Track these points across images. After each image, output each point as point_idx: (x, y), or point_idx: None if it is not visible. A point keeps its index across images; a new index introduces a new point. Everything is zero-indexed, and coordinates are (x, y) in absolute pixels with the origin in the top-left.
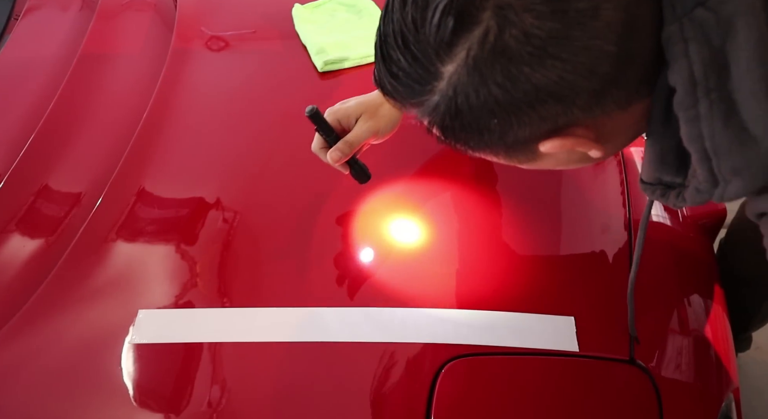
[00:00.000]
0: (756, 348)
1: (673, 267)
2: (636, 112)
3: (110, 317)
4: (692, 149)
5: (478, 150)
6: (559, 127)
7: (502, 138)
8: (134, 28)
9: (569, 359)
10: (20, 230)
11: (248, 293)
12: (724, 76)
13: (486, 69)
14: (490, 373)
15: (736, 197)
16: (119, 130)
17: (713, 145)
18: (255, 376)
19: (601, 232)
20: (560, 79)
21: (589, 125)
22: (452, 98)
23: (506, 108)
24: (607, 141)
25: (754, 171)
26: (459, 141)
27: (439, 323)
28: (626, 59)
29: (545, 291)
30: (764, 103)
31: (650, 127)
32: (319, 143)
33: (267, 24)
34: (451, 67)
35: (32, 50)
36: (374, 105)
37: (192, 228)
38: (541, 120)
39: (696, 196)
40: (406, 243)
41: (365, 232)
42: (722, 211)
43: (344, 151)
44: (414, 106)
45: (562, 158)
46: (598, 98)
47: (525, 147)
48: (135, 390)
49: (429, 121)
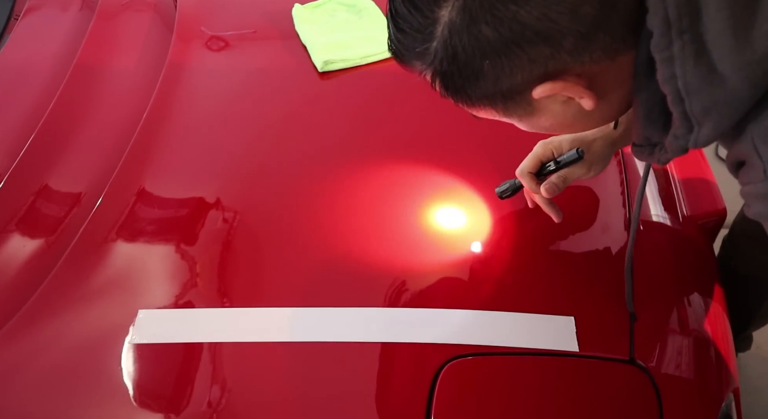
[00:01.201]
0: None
1: (673, 267)
2: (625, 65)
3: (110, 317)
4: (667, 91)
5: (478, 102)
6: (549, 72)
7: (497, 83)
8: (134, 28)
9: (569, 359)
10: (20, 230)
11: (248, 293)
12: (695, 17)
13: (474, 8)
14: (490, 373)
15: (710, 140)
16: (119, 130)
17: (685, 84)
18: (255, 376)
19: (601, 232)
20: (543, 17)
21: (579, 73)
22: (447, 40)
23: (497, 48)
24: (600, 94)
25: (722, 109)
26: (458, 92)
27: (439, 323)
28: (609, 3)
29: (545, 291)
30: (731, 43)
31: (636, 81)
32: (528, 167)
33: (267, 24)
34: (445, 11)
35: (32, 50)
36: (587, 141)
37: (192, 228)
38: (531, 63)
39: (674, 143)
40: (406, 243)
41: (365, 232)
42: (722, 211)
43: (560, 187)
44: (418, 58)
45: (557, 111)
46: (585, 41)
47: (520, 97)
48: (135, 390)
49: (432, 72)
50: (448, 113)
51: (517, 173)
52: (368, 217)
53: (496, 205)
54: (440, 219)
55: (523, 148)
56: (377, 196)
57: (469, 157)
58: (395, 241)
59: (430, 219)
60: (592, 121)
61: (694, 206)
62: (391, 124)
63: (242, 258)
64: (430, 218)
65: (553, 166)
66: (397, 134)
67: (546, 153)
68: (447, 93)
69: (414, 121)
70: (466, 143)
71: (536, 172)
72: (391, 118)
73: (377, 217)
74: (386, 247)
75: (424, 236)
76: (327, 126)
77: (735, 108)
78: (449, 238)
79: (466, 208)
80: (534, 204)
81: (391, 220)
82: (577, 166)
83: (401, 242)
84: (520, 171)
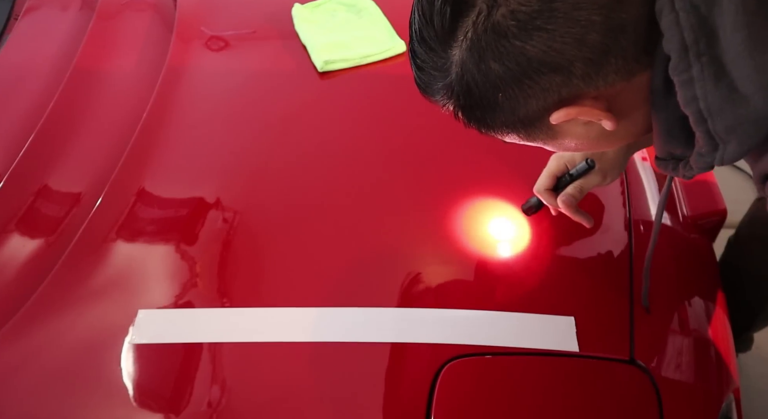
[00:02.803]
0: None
1: (673, 267)
2: (642, 84)
3: (110, 317)
4: (689, 112)
5: (500, 130)
6: (564, 98)
7: (514, 112)
8: (134, 28)
9: (569, 359)
10: (20, 230)
11: (248, 293)
12: (712, 40)
13: (481, 47)
14: (490, 373)
15: (737, 157)
16: (119, 130)
17: (707, 105)
18: (255, 376)
19: (601, 232)
20: (549, 49)
21: (596, 96)
22: (461, 77)
23: (507, 81)
24: (620, 114)
25: (746, 128)
26: (479, 121)
27: (439, 323)
28: (616, 28)
29: (545, 291)
30: (750, 63)
31: (654, 99)
32: (544, 185)
33: (267, 24)
34: (456, 50)
35: (32, 50)
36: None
37: (192, 228)
38: (543, 91)
39: (699, 161)
40: (406, 243)
41: (365, 232)
42: (722, 211)
43: (577, 198)
44: (439, 93)
45: (580, 133)
46: (597, 67)
47: (539, 122)
48: (135, 390)
49: (453, 105)
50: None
51: (535, 191)
52: (368, 217)
53: (496, 206)
54: (440, 219)
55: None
56: (377, 196)
57: (469, 157)
58: (395, 241)
59: (430, 219)
60: (618, 138)
61: (694, 206)
62: (391, 124)
63: (242, 259)
64: (430, 218)
65: (568, 179)
66: (397, 134)
67: (560, 167)
68: (470, 124)
69: (414, 121)
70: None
71: (553, 187)
72: (391, 118)
73: (377, 217)
74: (386, 247)
75: (425, 236)
76: (327, 126)
77: (759, 126)
78: (449, 238)
79: (467, 208)
80: (558, 212)
81: (392, 220)
82: (592, 176)
83: (401, 242)
84: (537, 189)
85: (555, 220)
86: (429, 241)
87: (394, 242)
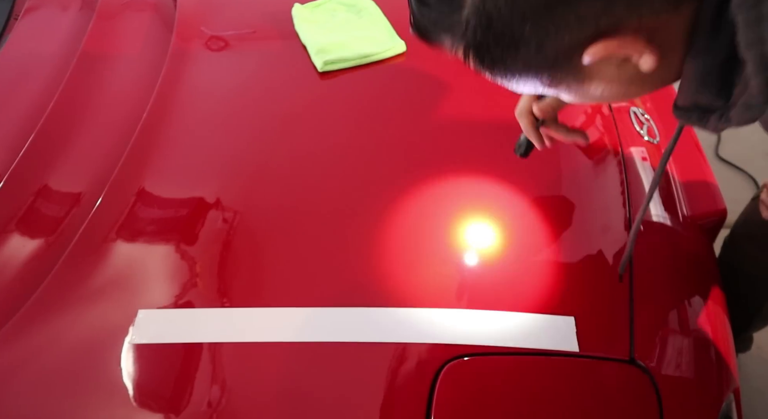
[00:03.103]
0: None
1: (673, 267)
2: (686, 20)
3: (110, 317)
4: (749, 56)
5: (519, 74)
6: (602, 31)
7: (541, 49)
8: (134, 28)
9: (569, 359)
10: (20, 230)
11: (248, 293)
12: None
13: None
14: (490, 373)
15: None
16: (119, 130)
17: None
18: (255, 376)
19: (601, 232)
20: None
21: (636, 28)
22: (480, 7)
23: (538, 9)
24: (662, 49)
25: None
26: (496, 64)
27: (439, 323)
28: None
29: (545, 291)
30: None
31: (695, 39)
32: (524, 107)
33: (267, 24)
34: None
35: (32, 50)
36: None
37: (192, 228)
38: (580, 21)
39: (745, 113)
40: (406, 243)
41: (365, 232)
42: (722, 211)
43: (554, 107)
44: (447, 31)
45: (611, 75)
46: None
47: (568, 63)
48: (135, 390)
49: (464, 46)
50: (448, 113)
51: (516, 114)
52: (368, 217)
53: (496, 206)
54: (440, 219)
55: None
56: (377, 196)
57: (469, 158)
58: (395, 241)
59: (430, 219)
60: (648, 84)
61: (694, 206)
62: (391, 124)
63: (242, 258)
64: (430, 218)
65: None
66: (397, 134)
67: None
68: (483, 67)
69: (414, 121)
70: (466, 143)
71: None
72: (391, 118)
73: (377, 217)
74: (386, 247)
75: (425, 236)
76: (327, 126)
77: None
78: (449, 238)
79: (467, 208)
80: (552, 142)
81: (392, 220)
82: None
83: (401, 242)
84: (518, 112)
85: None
86: (429, 241)
87: (394, 242)
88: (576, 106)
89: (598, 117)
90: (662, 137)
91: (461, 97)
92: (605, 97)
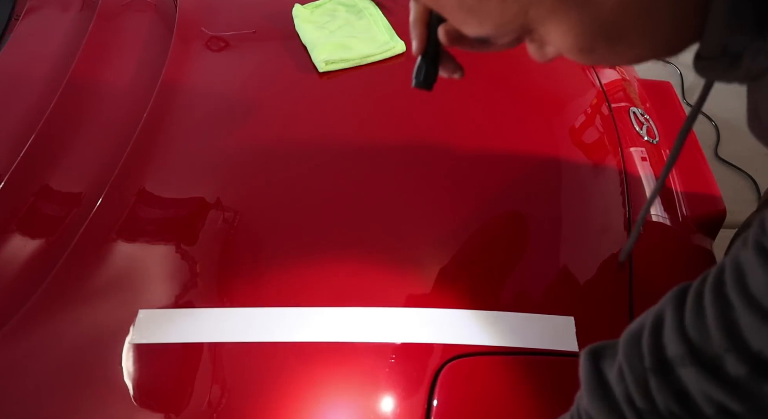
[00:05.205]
0: None
1: (673, 267)
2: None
3: (110, 317)
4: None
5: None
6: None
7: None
8: (134, 28)
9: (569, 359)
10: (21, 230)
11: (248, 293)
12: None
13: None
14: (490, 373)
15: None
16: (120, 130)
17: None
18: (255, 376)
19: (601, 232)
20: None
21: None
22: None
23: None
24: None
25: None
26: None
27: (439, 323)
28: None
29: (545, 291)
30: None
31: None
32: (418, 15)
33: (267, 24)
34: None
35: (33, 50)
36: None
37: (192, 228)
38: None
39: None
40: (406, 243)
41: (365, 233)
42: (722, 211)
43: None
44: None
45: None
46: None
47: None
48: (135, 390)
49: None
50: (449, 113)
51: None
52: (368, 217)
53: (496, 205)
54: (440, 219)
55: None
56: (377, 195)
57: (470, 158)
58: (396, 241)
59: (430, 219)
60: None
61: (693, 206)
62: (391, 124)
63: (242, 258)
64: (430, 218)
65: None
66: (397, 134)
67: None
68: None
69: (414, 121)
70: (466, 143)
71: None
72: (391, 119)
73: (377, 217)
74: (386, 247)
75: (424, 236)
76: (327, 126)
77: None
78: (449, 238)
79: (467, 207)
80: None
81: (391, 220)
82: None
83: (401, 242)
84: (411, 21)
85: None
86: (429, 241)
87: (395, 242)
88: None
89: (597, 117)
90: (662, 137)
91: (461, 97)
92: (619, 17)
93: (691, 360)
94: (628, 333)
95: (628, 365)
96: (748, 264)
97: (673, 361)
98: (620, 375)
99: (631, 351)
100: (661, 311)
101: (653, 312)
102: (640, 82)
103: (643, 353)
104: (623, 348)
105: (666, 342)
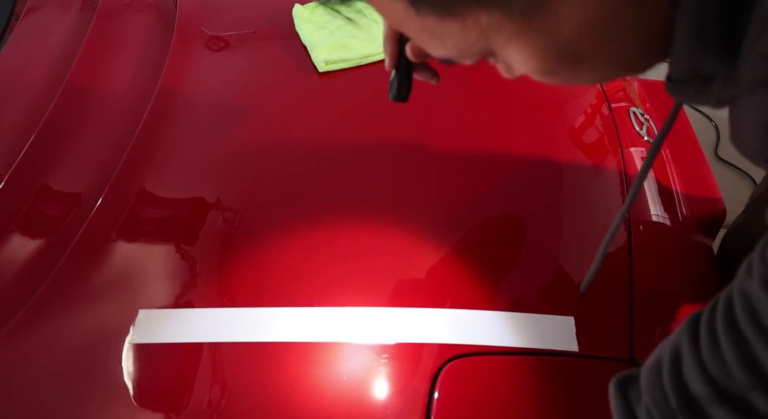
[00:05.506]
0: None
1: (673, 267)
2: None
3: (110, 317)
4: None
5: (464, 7)
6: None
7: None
8: (134, 28)
9: (569, 359)
10: (21, 230)
11: (248, 293)
12: None
13: None
14: (490, 373)
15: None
16: (120, 130)
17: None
18: (255, 376)
19: (602, 232)
20: None
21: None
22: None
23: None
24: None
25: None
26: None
27: (439, 323)
28: None
29: (545, 291)
30: None
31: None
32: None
33: (267, 24)
34: None
35: (33, 50)
36: None
37: (192, 229)
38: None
39: (763, 66)
40: (406, 243)
41: (365, 232)
42: (722, 211)
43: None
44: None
45: (574, 4)
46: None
47: None
48: (135, 390)
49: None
50: (449, 113)
51: (384, 38)
52: (368, 217)
53: (496, 205)
54: (440, 219)
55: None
56: (377, 196)
57: (469, 157)
58: (395, 241)
59: (430, 219)
60: (636, 23)
61: (693, 206)
62: (391, 124)
63: (242, 258)
64: (430, 218)
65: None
66: (397, 134)
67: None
68: (423, 7)
69: (414, 122)
70: (466, 143)
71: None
72: (392, 119)
73: (377, 217)
74: (387, 247)
75: (424, 236)
76: (327, 126)
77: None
78: (449, 238)
79: (467, 207)
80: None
81: (391, 220)
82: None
83: (401, 242)
84: (383, 38)
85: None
86: (429, 241)
87: (394, 242)
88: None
89: (597, 117)
90: None
91: (462, 97)
92: (582, 39)
93: (719, 401)
94: (648, 370)
95: (655, 406)
96: (758, 301)
97: (701, 401)
98: (648, 415)
99: (654, 391)
100: (677, 345)
101: (669, 346)
102: (640, 82)
103: (666, 393)
104: (646, 388)
105: (688, 380)
